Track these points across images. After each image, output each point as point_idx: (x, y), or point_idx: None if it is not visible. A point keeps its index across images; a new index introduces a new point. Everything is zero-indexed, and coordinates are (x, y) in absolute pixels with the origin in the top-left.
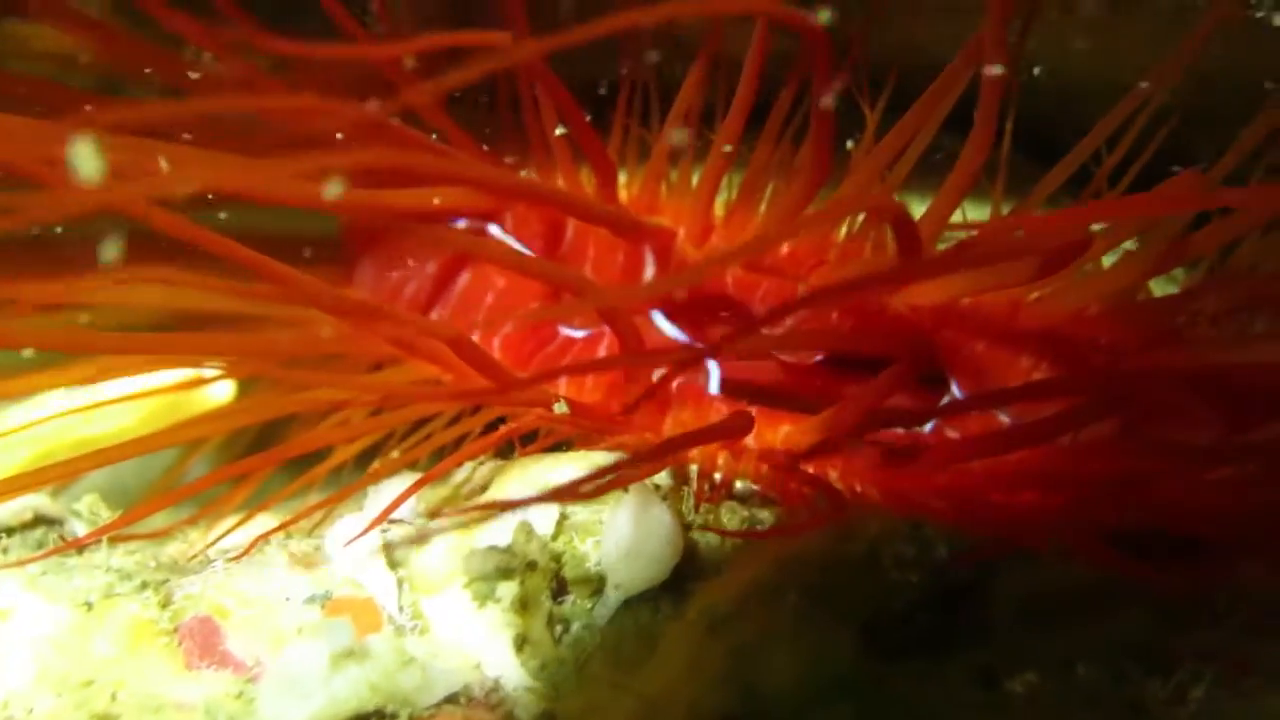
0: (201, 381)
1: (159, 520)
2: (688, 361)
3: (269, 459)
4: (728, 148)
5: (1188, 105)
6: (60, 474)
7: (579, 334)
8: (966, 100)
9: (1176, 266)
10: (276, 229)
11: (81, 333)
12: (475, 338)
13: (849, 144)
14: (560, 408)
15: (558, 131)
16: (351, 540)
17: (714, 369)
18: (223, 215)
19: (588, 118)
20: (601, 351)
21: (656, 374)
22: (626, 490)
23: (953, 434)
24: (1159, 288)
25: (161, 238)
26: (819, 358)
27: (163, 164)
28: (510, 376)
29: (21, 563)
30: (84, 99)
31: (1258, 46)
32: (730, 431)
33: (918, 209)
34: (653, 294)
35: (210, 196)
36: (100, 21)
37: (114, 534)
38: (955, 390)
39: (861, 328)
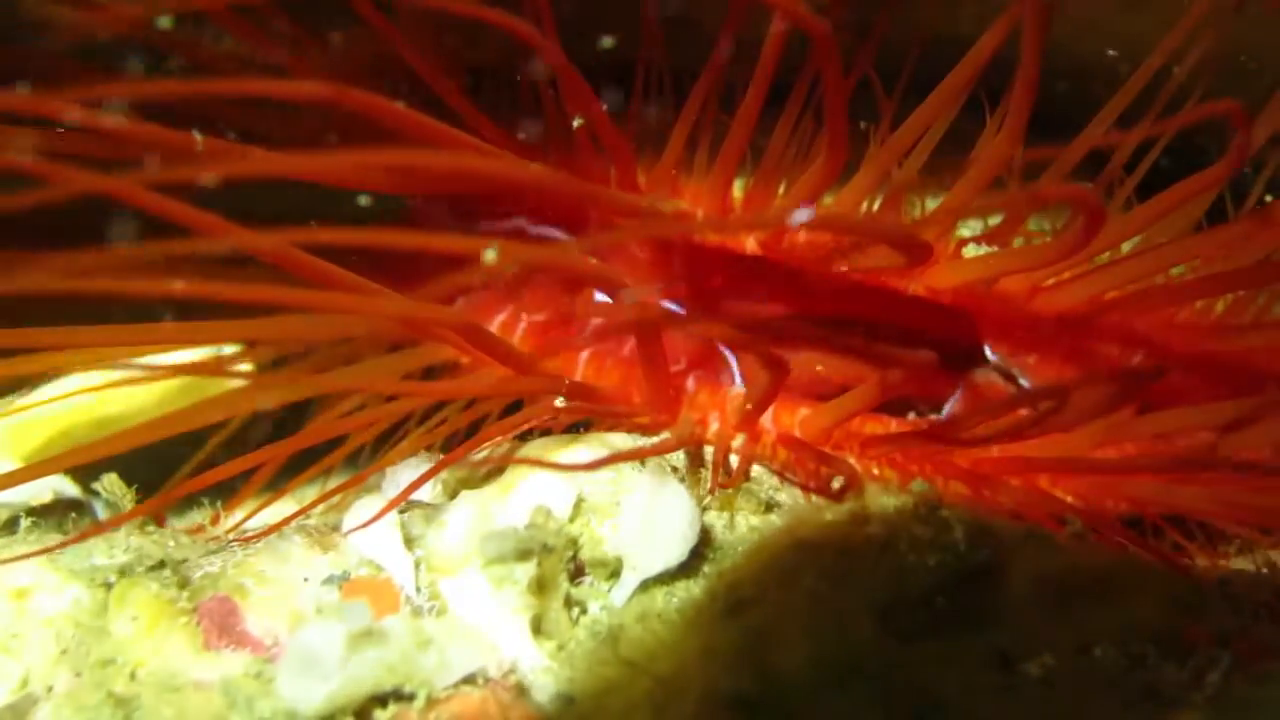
0: (221, 362)
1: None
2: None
3: (288, 446)
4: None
5: (1204, 89)
6: (80, 458)
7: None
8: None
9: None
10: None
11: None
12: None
13: (862, 124)
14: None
15: (576, 123)
16: (369, 522)
17: (730, 355)
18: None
19: (604, 107)
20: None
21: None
22: (644, 469)
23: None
24: (1178, 269)
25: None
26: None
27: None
28: (527, 361)
29: (48, 550)
30: (102, 76)
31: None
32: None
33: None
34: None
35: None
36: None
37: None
38: (989, 355)
39: (881, 310)
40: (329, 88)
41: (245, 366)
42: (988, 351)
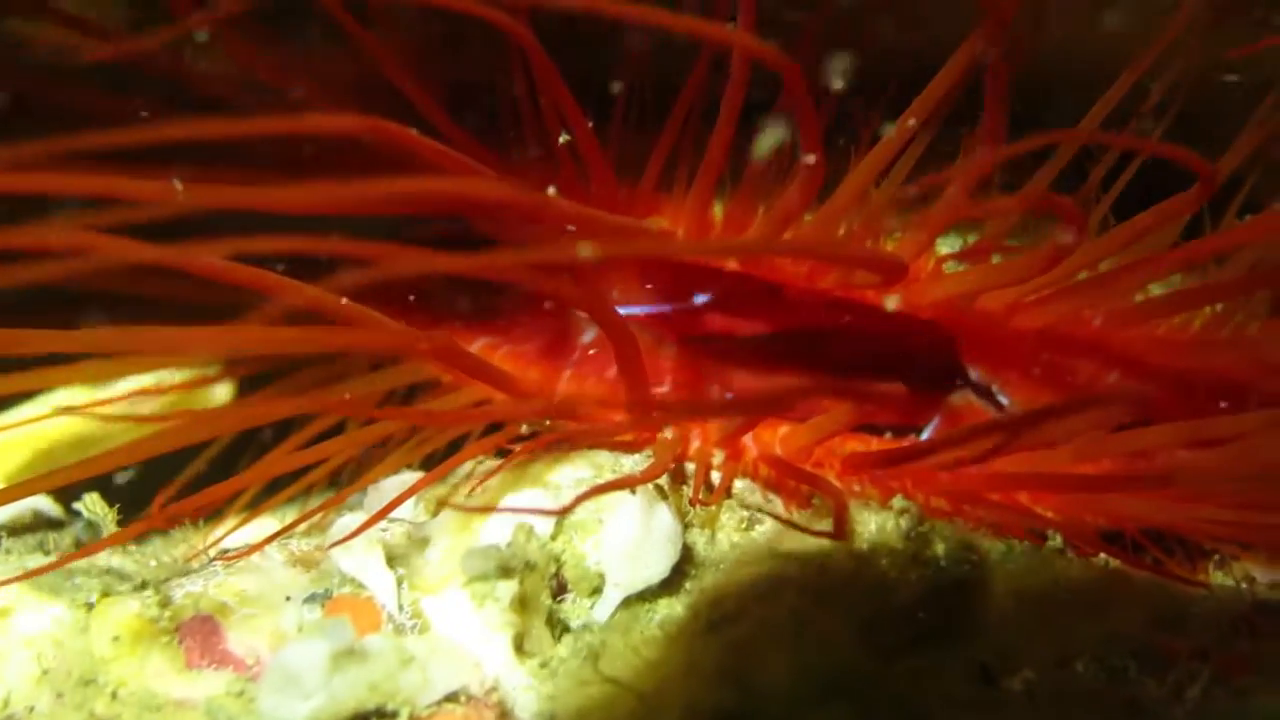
0: (202, 381)
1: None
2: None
3: (269, 469)
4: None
5: (1183, 101)
6: (63, 480)
7: (585, 339)
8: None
9: (1173, 273)
10: None
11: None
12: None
13: (840, 141)
14: None
15: (562, 138)
16: (348, 538)
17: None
18: None
19: (590, 123)
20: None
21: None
22: (634, 492)
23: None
24: (1156, 285)
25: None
26: None
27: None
28: (508, 380)
29: (31, 574)
30: (89, 95)
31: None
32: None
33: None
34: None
35: None
36: (98, 24)
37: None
38: (972, 376)
39: (861, 327)
40: (360, 120)
41: (226, 384)
42: (969, 370)
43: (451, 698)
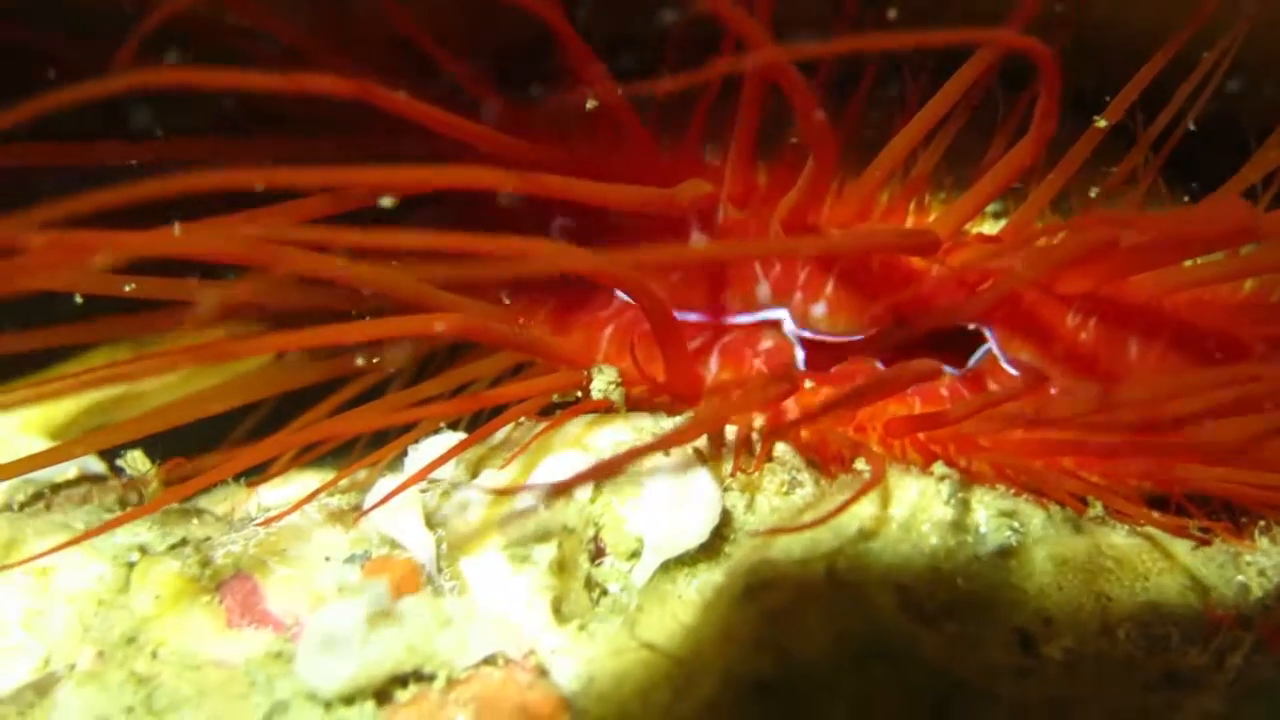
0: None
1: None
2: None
3: (310, 432)
4: None
5: (1237, 63)
6: (110, 440)
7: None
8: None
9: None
10: None
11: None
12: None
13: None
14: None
15: (589, 104)
16: (387, 498)
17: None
18: None
19: (619, 89)
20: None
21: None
22: (667, 454)
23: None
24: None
25: None
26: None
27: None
28: (552, 347)
29: (82, 538)
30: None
31: None
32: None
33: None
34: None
35: None
36: None
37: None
38: (994, 346)
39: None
40: (352, 84)
41: None
42: (989, 336)
43: (489, 660)
